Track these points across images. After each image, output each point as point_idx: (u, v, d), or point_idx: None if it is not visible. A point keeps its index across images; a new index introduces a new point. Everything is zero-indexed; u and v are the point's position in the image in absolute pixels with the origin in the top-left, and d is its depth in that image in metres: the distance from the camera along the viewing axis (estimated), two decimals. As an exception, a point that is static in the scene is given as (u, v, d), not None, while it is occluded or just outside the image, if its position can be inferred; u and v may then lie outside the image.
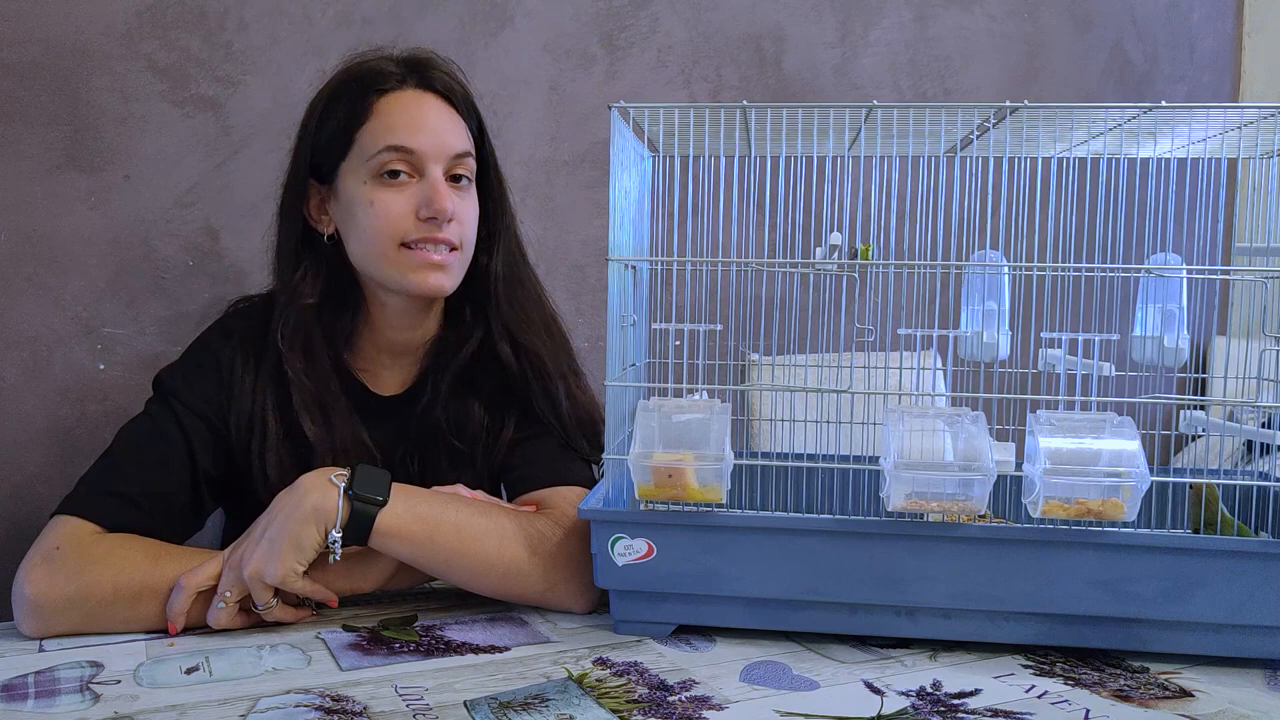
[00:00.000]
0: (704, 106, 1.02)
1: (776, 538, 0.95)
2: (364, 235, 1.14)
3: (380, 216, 1.12)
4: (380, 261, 1.14)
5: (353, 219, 1.14)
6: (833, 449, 1.17)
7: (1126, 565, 0.91)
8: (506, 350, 1.20)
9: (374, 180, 1.13)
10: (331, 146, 1.15)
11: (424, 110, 1.15)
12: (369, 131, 1.13)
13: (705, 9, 1.99)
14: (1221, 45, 2.63)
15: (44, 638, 0.98)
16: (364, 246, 1.14)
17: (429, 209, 1.12)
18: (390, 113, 1.13)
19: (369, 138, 1.13)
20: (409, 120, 1.13)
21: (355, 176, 1.13)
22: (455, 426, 1.21)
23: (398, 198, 1.12)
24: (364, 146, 1.13)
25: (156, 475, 1.10)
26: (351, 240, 1.16)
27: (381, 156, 1.12)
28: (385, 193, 1.12)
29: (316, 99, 1.18)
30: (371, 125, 1.13)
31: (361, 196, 1.13)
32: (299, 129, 1.18)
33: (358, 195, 1.13)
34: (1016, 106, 0.97)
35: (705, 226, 1.16)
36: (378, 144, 1.12)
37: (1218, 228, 1.10)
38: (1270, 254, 1.02)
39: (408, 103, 1.14)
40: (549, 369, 1.21)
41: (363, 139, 1.13)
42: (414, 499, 1.01)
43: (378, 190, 1.12)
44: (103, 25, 1.50)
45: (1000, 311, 1.08)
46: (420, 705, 0.83)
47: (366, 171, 1.13)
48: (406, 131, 1.12)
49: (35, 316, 1.50)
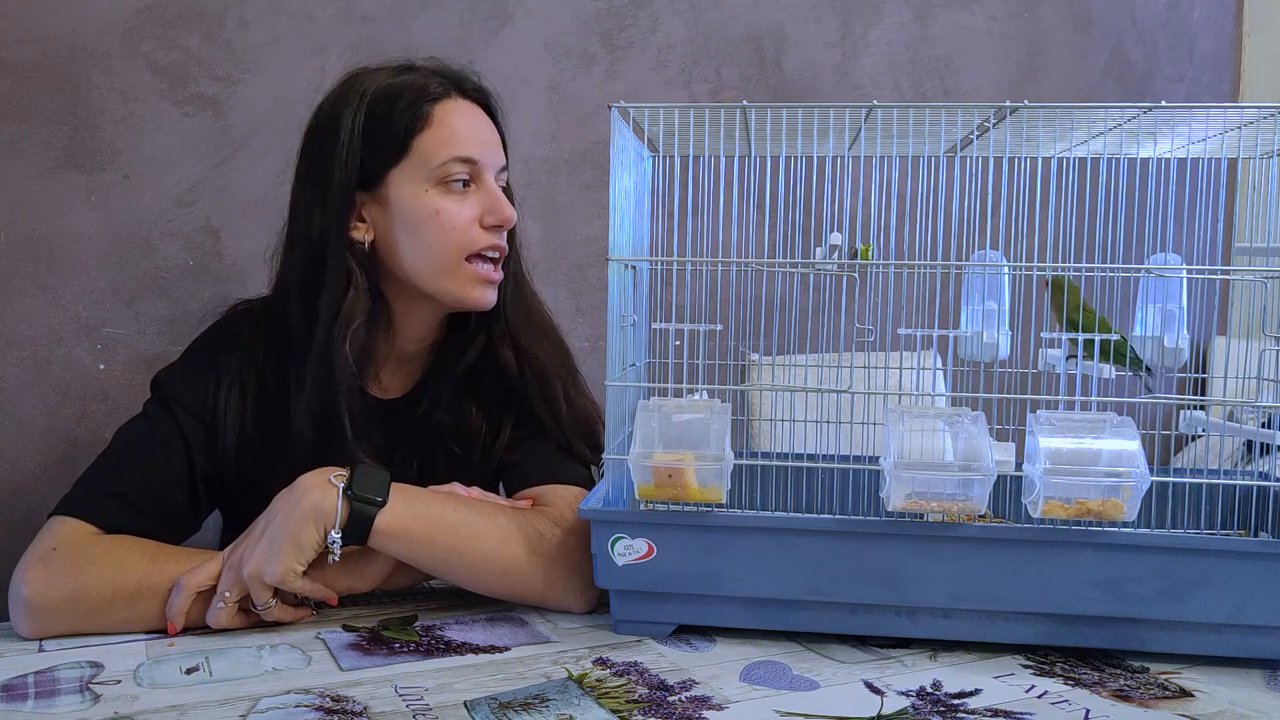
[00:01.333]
0: (704, 106, 1.02)
1: (776, 538, 0.95)
2: (427, 246, 1.12)
3: (449, 227, 1.11)
4: (439, 273, 1.13)
5: (412, 229, 1.12)
6: (833, 449, 1.17)
7: (1126, 565, 0.91)
8: (509, 354, 1.20)
9: (438, 189, 1.12)
10: (380, 154, 1.12)
11: (479, 122, 1.16)
12: (431, 139, 1.11)
13: (705, 9, 1.99)
14: (1221, 45, 2.63)
15: (41, 639, 0.98)
16: (423, 257, 1.12)
17: (495, 216, 1.13)
18: (449, 122, 1.13)
19: (431, 145, 1.11)
20: (472, 131, 1.14)
21: (412, 184, 1.11)
22: (454, 431, 1.21)
23: (462, 207, 1.12)
24: (425, 155, 1.11)
25: (154, 476, 1.10)
26: (408, 250, 1.13)
27: (449, 167, 1.11)
28: (450, 202, 1.12)
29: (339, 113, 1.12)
30: (433, 133, 1.12)
31: (424, 205, 1.11)
32: (320, 142, 1.13)
33: (418, 204, 1.11)
34: (1016, 106, 0.97)
35: (705, 226, 1.16)
36: (443, 154, 1.11)
37: (1218, 228, 1.10)
38: (1270, 254, 1.02)
39: (464, 113, 1.15)
40: (549, 373, 1.21)
41: (423, 146, 1.11)
42: (413, 499, 1.01)
43: (443, 199, 1.12)
44: (102, 25, 1.50)
45: (1000, 311, 1.08)
46: (420, 705, 0.83)
47: (428, 179, 1.11)
48: (472, 142, 1.13)
49: (35, 316, 1.50)
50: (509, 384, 1.21)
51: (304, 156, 1.16)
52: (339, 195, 1.11)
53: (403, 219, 1.12)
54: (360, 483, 0.99)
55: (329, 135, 1.12)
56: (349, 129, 1.11)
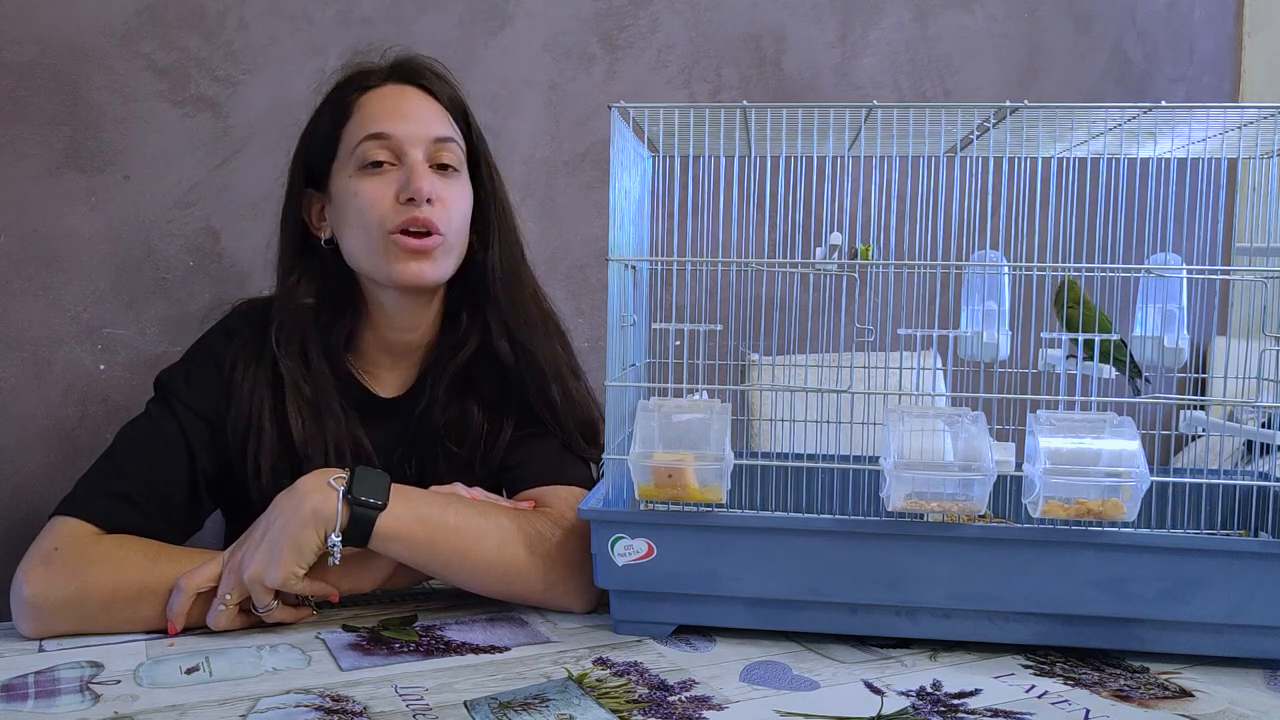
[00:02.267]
0: (704, 106, 1.02)
1: (776, 538, 0.95)
2: (352, 228, 1.16)
3: (364, 204, 1.14)
4: (368, 252, 1.15)
5: (343, 216, 1.16)
6: (833, 449, 1.17)
7: (1126, 565, 0.91)
8: (505, 348, 1.20)
9: (358, 172, 1.15)
10: (323, 151, 1.18)
11: (402, 100, 1.18)
12: (351, 127, 1.16)
13: (705, 9, 1.98)
14: (1221, 45, 2.63)
15: (42, 639, 0.98)
16: (353, 240, 1.16)
17: (407, 190, 1.13)
18: (370, 106, 1.17)
19: (351, 133, 1.16)
20: (388, 110, 1.16)
21: (343, 174, 1.16)
22: (454, 430, 1.21)
23: (379, 184, 1.14)
24: (348, 142, 1.16)
25: (155, 475, 1.10)
26: (345, 239, 1.17)
27: (362, 147, 1.14)
28: (368, 182, 1.14)
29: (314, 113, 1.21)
30: (354, 121, 1.16)
31: (348, 190, 1.15)
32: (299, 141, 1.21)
33: (345, 190, 1.16)
34: (1016, 106, 0.97)
35: (705, 226, 1.16)
36: (358, 136, 1.15)
37: (1218, 228, 1.10)
38: (1270, 254, 1.02)
39: (386, 95, 1.18)
40: (547, 368, 1.21)
41: (346, 136, 1.16)
42: (413, 501, 1.01)
43: (361, 181, 1.15)
44: (102, 25, 1.50)
45: (1000, 311, 1.08)
46: (420, 705, 0.83)
47: (352, 165, 1.15)
48: (385, 120, 1.15)
49: (36, 317, 1.50)
50: (507, 380, 1.21)
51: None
52: (292, 187, 1.20)
53: (338, 209, 1.17)
54: (360, 486, 0.99)
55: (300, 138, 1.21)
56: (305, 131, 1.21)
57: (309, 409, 1.15)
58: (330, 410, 1.16)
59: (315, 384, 1.16)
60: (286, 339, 1.16)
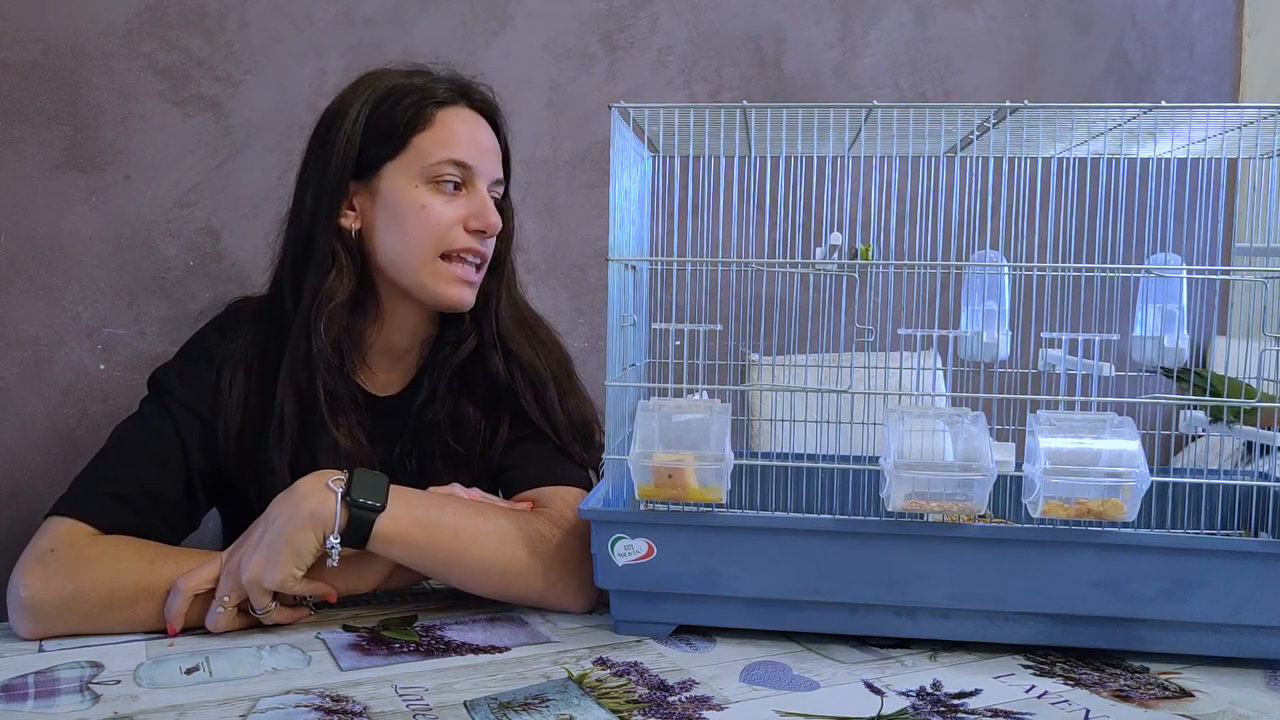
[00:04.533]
0: (704, 106, 1.02)
1: (776, 538, 0.95)
2: (407, 238, 1.15)
3: (431, 223, 1.14)
4: (414, 267, 1.15)
5: (396, 220, 1.15)
6: (833, 449, 1.17)
7: (1126, 565, 0.91)
8: (498, 361, 1.21)
9: (427, 186, 1.14)
10: (378, 146, 1.15)
11: (479, 130, 1.19)
12: (429, 139, 1.14)
13: (705, 9, 1.99)
14: (1221, 45, 2.63)
15: (40, 639, 0.98)
16: (401, 249, 1.15)
17: (479, 221, 1.15)
18: (451, 126, 1.16)
19: (429, 145, 1.14)
20: (470, 138, 1.17)
21: (404, 178, 1.14)
22: (452, 428, 1.21)
23: (448, 208, 1.15)
24: (421, 152, 1.14)
25: (150, 474, 1.10)
26: (388, 240, 1.16)
27: (442, 167, 1.14)
28: (438, 200, 1.14)
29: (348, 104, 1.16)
30: (433, 134, 1.15)
31: (411, 199, 1.14)
32: (327, 130, 1.16)
33: (406, 197, 1.14)
34: (1016, 106, 0.97)
35: (705, 226, 1.16)
36: (438, 154, 1.14)
37: (1218, 228, 1.10)
38: (1270, 254, 1.02)
39: (466, 120, 1.18)
40: (540, 379, 1.22)
41: (421, 144, 1.14)
42: (412, 503, 1.01)
43: (431, 196, 1.14)
44: (103, 25, 1.50)
45: (1000, 311, 1.08)
46: (420, 705, 0.83)
47: (419, 176, 1.14)
48: (468, 148, 1.16)
49: (36, 317, 1.50)
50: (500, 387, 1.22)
51: (311, 143, 1.19)
52: (334, 178, 1.15)
53: (390, 210, 1.15)
54: (359, 488, 0.99)
55: (335, 122, 1.16)
56: (353, 118, 1.15)
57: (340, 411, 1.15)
58: (342, 411, 1.16)
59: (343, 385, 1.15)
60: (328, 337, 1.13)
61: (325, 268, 1.15)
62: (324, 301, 1.13)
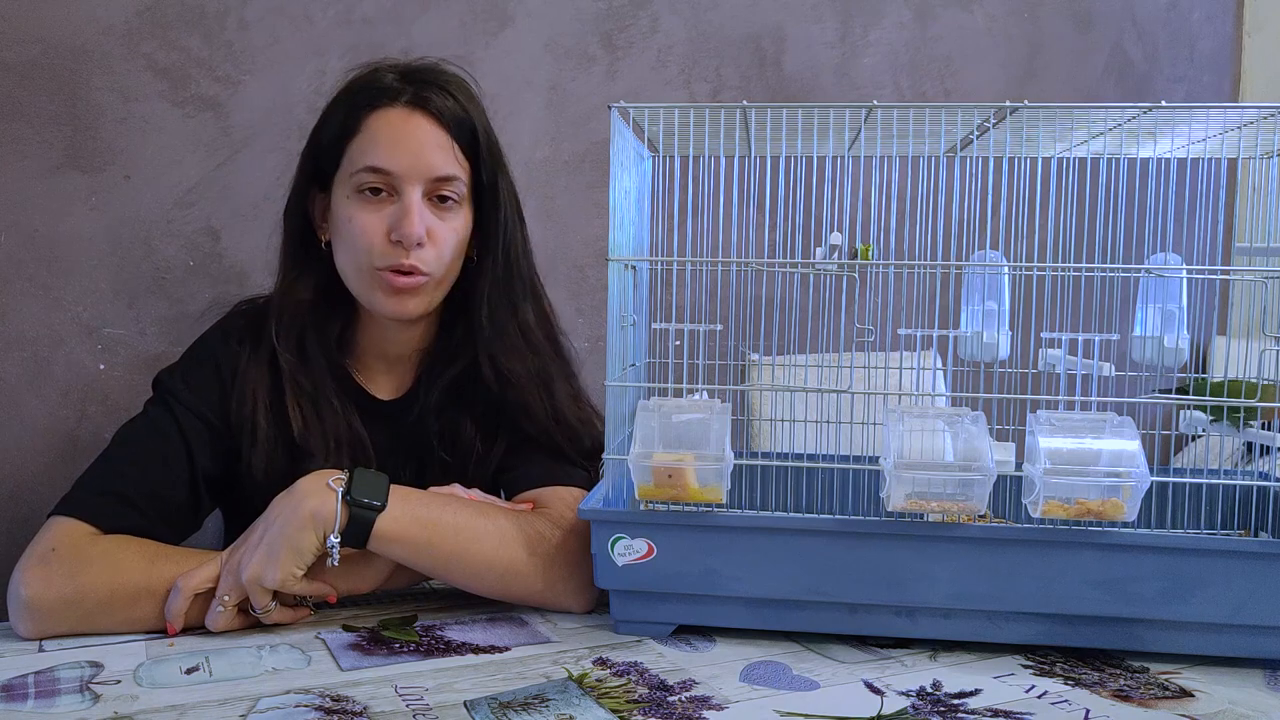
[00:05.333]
0: (704, 106, 1.02)
1: (776, 538, 0.95)
2: (344, 250, 1.16)
3: (356, 236, 1.13)
4: (355, 279, 1.16)
5: (337, 233, 1.16)
6: (833, 449, 1.17)
7: (1126, 565, 0.91)
8: (489, 373, 1.19)
9: (354, 196, 1.14)
10: (328, 157, 1.16)
11: (409, 130, 1.13)
12: (356, 146, 1.14)
13: (705, 9, 1.98)
14: (1221, 45, 2.63)
15: (41, 639, 0.98)
16: (343, 260, 1.17)
17: (397, 231, 1.12)
18: (375, 130, 1.13)
19: (355, 153, 1.14)
20: (391, 139, 1.12)
21: (341, 189, 1.15)
22: (447, 440, 1.21)
23: (373, 218, 1.13)
24: (350, 161, 1.14)
25: (154, 476, 1.10)
26: (337, 254, 1.17)
27: (360, 175, 1.13)
28: (362, 211, 1.13)
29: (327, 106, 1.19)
30: (358, 140, 1.14)
31: (343, 212, 1.15)
32: (310, 134, 1.20)
33: (341, 210, 1.15)
34: (1016, 106, 0.97)
35: (705, 226, 1.16)
36: (358, 162, 1.13)
37: (1218, 228, 1.10)
38: (1270, 254, 1.02)
39: (394, 121, 1.13)
40: (534, 392, 1.19)
41: (351, 152, 1.14)
42: (412, 502, 1.01)
43: (355, 208, 1.14)
44: (103, 25, 1.50)
45: (1000, 311, 1.08)
46: (420, 705, 0.83)
47: (350, 187, 1.14)
48: (386, 152, 1.12)
49: (36, 317, 1.50)
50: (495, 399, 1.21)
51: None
52: (298, 186, 1.19)
53: (333, 223, 1.17)
54: (359, 487, 0.99)
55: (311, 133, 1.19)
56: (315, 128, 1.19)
57: (307, 402, 1.16)
58: (328, 403, 1.16)
59: (313, 377, 1.17)
60: (285, 332, 1.17)
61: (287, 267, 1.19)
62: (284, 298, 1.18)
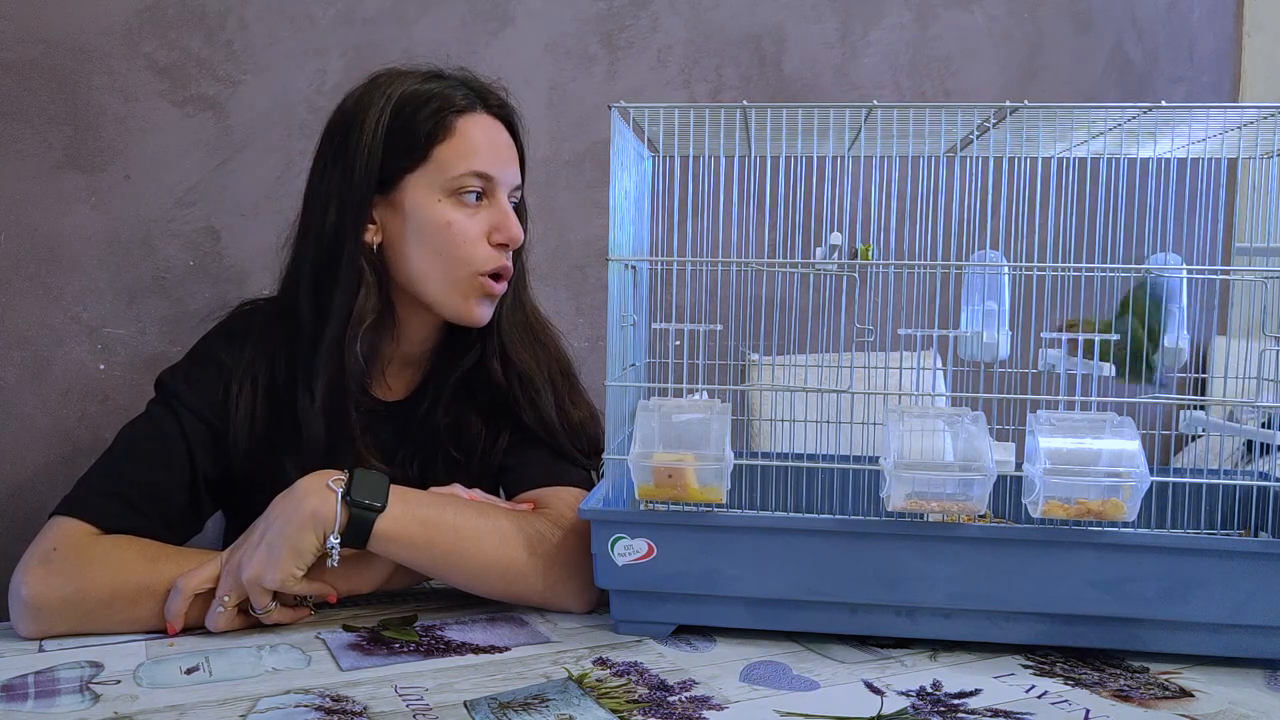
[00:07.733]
0: (704, 106, 1.02)
1: (776, 538, 0.95)
2: (435, 256, 1.13)
3: (458, 240, 1.12)
4: (445, 284, 1.14)
5: (421, 237, 1.13)
6: (833, 449, 1.17)
7: (1126, 565, 0.91)
8: (496, 367, 1.20)
9: (450, 199, 1.13)
10: (399, 157, 1.12)
11: (498, 137, 1.17)
12: (450, 150, 1.12)
13: (705, 9, 1.99)
14: (1221, 45, 2.63)
15: (41, 639, 0.98)
16: (428, 267, 1.14)
17: (502, 234, 1.14)
18: (471, 135, 1.14)
19: (450, 156, 1.12)
20: (490, 146, 1.15)
21: (426, 191, 1.13)
22: (453, 435, 1.21)
23: (472, 222, 1.13)
24: (442, 164, 1.12)
25: (156, 476, 1.10)
26: (414, 257, 1.14)
27: (464, 179, 1.12)
28: (461, 215, 1.13)
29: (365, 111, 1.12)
30: (453, 144, 1.13)
31: (436, 215, 1.12)
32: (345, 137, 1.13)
33: (430, 213, 1.12)
34: (1016, 106, 0.97)
35: (705, 226, 1.16)
36: (460, 166, 1.12)
37: (1218, 228, 1.10)
38: (1270, 254, 1.02)
39: (486, 128, 1.16)
40: (538, 386, 1.21)
41: (442, 156, 1.12)
42: (412, 502, 1.01)
43: (454, 211, 1.13)
44: (103, 25, 1.51)
45: (1000, 311, 1.08)
46: (420, 705, 0.83)
47: (441, 189, 1.12)
48: (489, 158, 1.14)
49: (35, 316, 1.50)
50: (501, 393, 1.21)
51: (324, 150, 1.16)
52: (358, 193, 1.12)
53: (414, 226, 1.13)
54: (359, 487, 0.99)
55: (353, 131, 1.13)
56: (372, 128, 1.12)
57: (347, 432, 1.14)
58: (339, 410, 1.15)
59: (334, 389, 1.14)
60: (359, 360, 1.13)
61: (354, 287, 1.12)
62: (356, 324, 1.12)
